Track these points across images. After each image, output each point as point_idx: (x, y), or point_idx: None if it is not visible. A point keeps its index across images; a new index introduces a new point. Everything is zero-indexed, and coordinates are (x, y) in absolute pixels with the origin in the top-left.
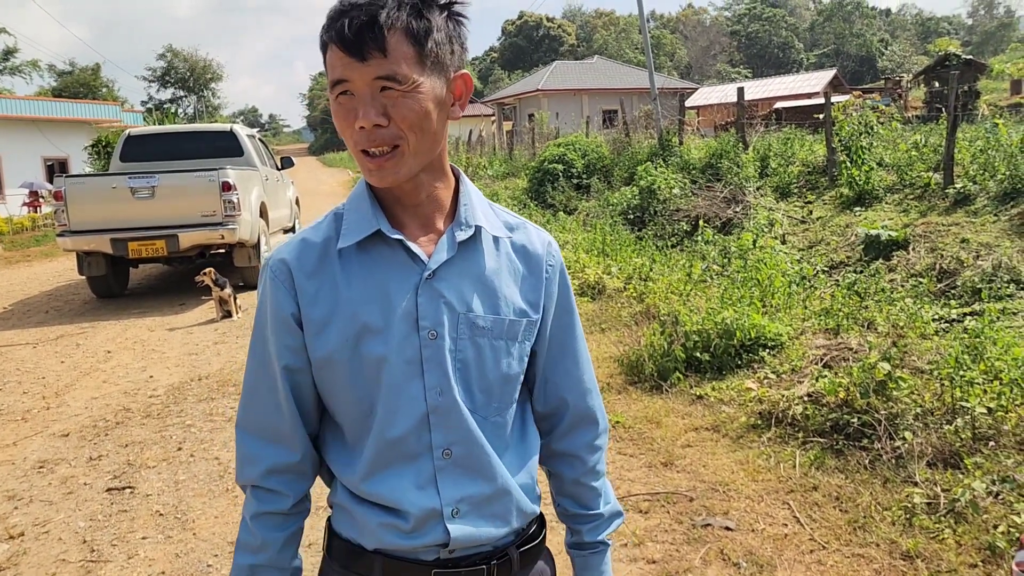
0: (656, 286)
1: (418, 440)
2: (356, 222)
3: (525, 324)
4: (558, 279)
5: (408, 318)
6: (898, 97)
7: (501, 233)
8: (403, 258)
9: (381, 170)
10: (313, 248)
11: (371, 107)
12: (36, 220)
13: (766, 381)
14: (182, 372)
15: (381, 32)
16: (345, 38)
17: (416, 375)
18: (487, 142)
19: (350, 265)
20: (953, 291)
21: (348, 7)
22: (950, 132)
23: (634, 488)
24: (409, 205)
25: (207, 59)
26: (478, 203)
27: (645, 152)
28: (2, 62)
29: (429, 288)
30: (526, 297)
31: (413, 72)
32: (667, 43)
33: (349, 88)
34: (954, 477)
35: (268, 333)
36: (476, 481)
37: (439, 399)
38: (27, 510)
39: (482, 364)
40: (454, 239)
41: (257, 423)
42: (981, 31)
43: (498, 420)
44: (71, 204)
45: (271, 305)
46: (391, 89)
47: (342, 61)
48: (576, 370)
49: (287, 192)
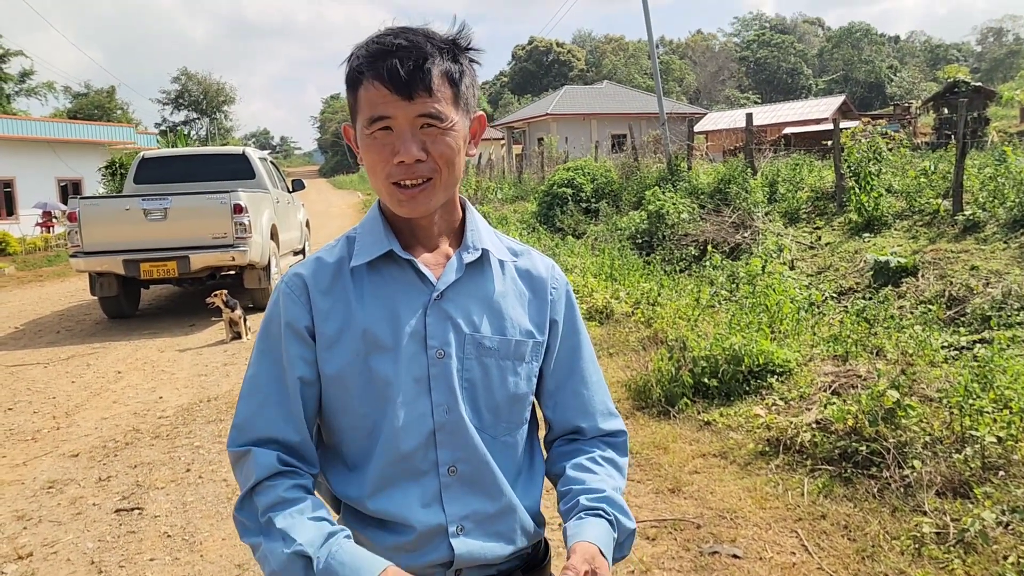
0: (664, 311)
1: (424, 457)
2: (369, 243)
3: (532, 345)
4: (564, 301)
5: (417, 337)
6: (907, 123)
7: (506, 257)
8: (413, 279)
9: (413, 201)
10: (327, 267)
11: (412, 143)
12: (49, 240)
13: (774, 407)
14: (191, 393)
15: (429, 74)
16: (395, 77)
17: (424, 393)
18: (496, 165)
19: (362, 284)
20: (962, 318)
21: (393, 48)
22: (959, 159)
23: (641, 514)
24: (421, 230)
25: (220, 82)
26: (484, 229)
27: (654, 177)
28: (18, 84)
29: (437, 308)
30: (532, 319)
31: (451, 111)
32: (676, 68)
33: (390, 124)
34: (964, 507)
35: (281, 344)
36: (481, 499)
37: (446, 417)
38: (36, 530)
39: (489, 384)
40: (462, 261)
41: (257, 416)
42: (990, 58)
43: (507, 440)
44: (85, 225)
45: (285, 317)
46: (433, 127)
47: (385, 98)
48: (585, 390)
49: (298, 214)
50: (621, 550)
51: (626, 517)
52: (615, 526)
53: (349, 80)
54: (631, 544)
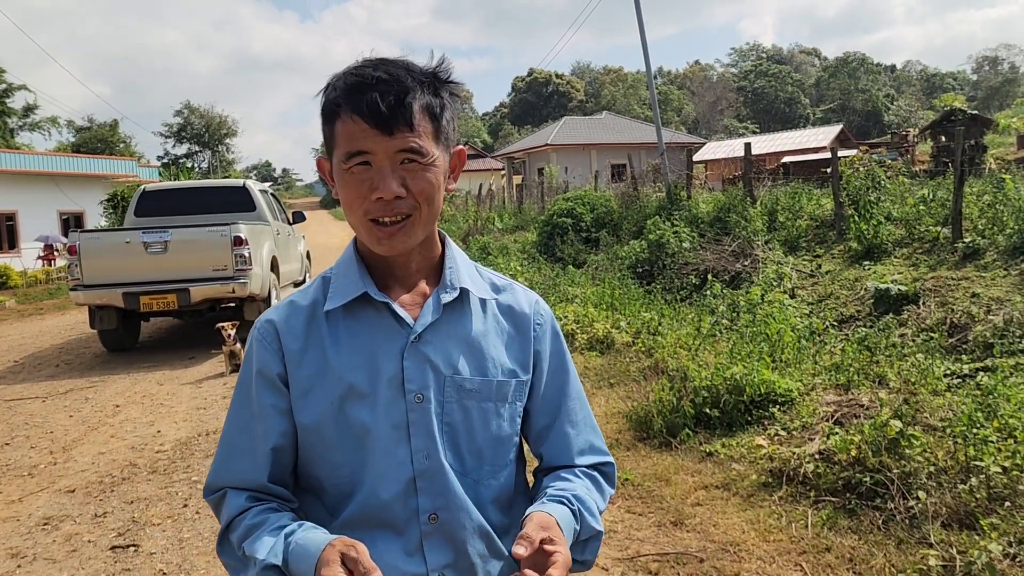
0: (665, 340)
1: (405, 505)
2: (343, 285)
3: (515, 384)
4: (548, 337)
5: (394, 382)
6: (905, 151)
7: (487, 295)
8: (389, 321)
9: (392, 238)
10: (300, 311)
11: (392, 179)
12: (50, 273)
13: (777, 438)
14: (189, 427)
15: (410, 108)
16: (375, 112)
17: (403, 439)
18: (497, 196)
19: (336, 328)
20: (964, 346)
21: (373, 81)
22: (957, 186)
23: (643, 548)
24: (398, 268)
25: (222, 115)
26: (463, 266)
27: (653, 206)
28: (22, 118)
29: (415, 351)
30: (515, 357)
31: (431, 146)
32: (674, 99)
33: (369, 159)
34: (970, 539)
35: (252, 393)
36: (462, 547)
37: (425, 463)
38: (30, 568)
39: (470, 426)
40: (439, 302)
41: (228, 468)
42: (986, 86)
43: (492, 483)
44: (85, 258)
45: (257, 365)
46: (413, 162)
47: (364, 133)
48: (572, 429)
49: (298, 246)
50: (583, 552)
51: (593, 518)
52: (578, 518)
53: (325, 112)
54: (596, 550)
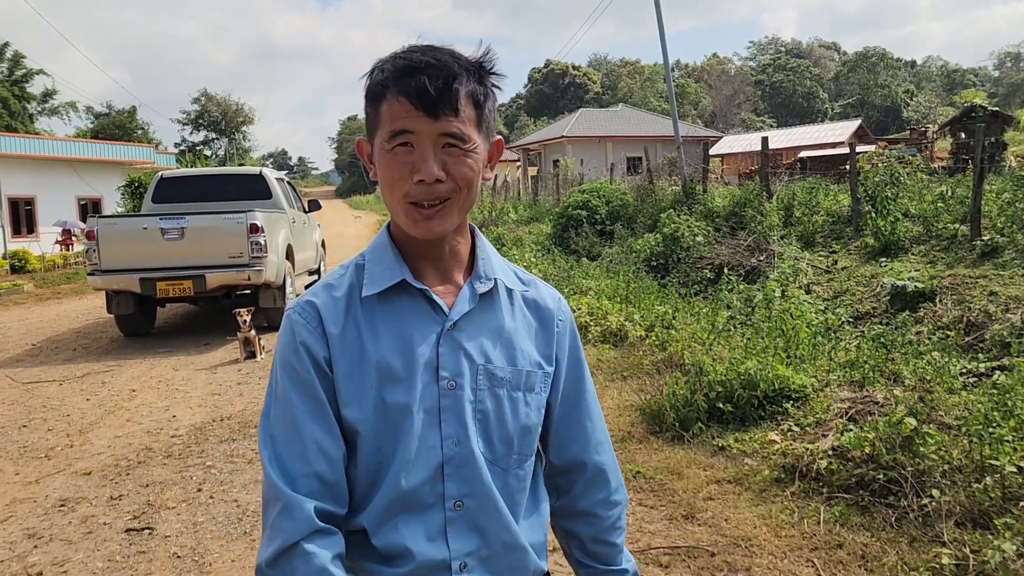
0: (679, 334)
1: (431, 490)
2: (379, 272)
3: (541, 376)
4: (569, 333)
5: (429, 368)
6: (924, 148)
7: (516, 286)
8: (425, 308)
9: (430, 221)
10: (338, 295)
11: (433, 162)
12: (68, 258)
13: (790, 434)
14: (204, 412)
15: (456, 93)
16: (423, 94)
17: (434, 425)
18: (512, 187)
19: (373, 314)
20: (981, 344)
21: (421, 65)
22: (976, 183)
23: (654, 541)
24: (431, 257)
25: (239, 103)
26: (494, 257)
27: (669, 199)
28: (41, 103)
29: (450, 339)
30: (540, 350)
31: (473, 133)
32: (691, 92)
33: (411, 140)
34: (983, 538)
35: (311, 373)
36: (486, 535)
37: (455, 449)
38: (47, 548)
39: (501, 415)
40: (475, 291)
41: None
42: (1007, 83)
43: (518, 472)
44: (103, 244)
45: (305, 347)
46: (455, 147)
47: (410, 114)
48: (589, 423)
49: (314, 234)
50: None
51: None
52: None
53: (371, 93)
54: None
